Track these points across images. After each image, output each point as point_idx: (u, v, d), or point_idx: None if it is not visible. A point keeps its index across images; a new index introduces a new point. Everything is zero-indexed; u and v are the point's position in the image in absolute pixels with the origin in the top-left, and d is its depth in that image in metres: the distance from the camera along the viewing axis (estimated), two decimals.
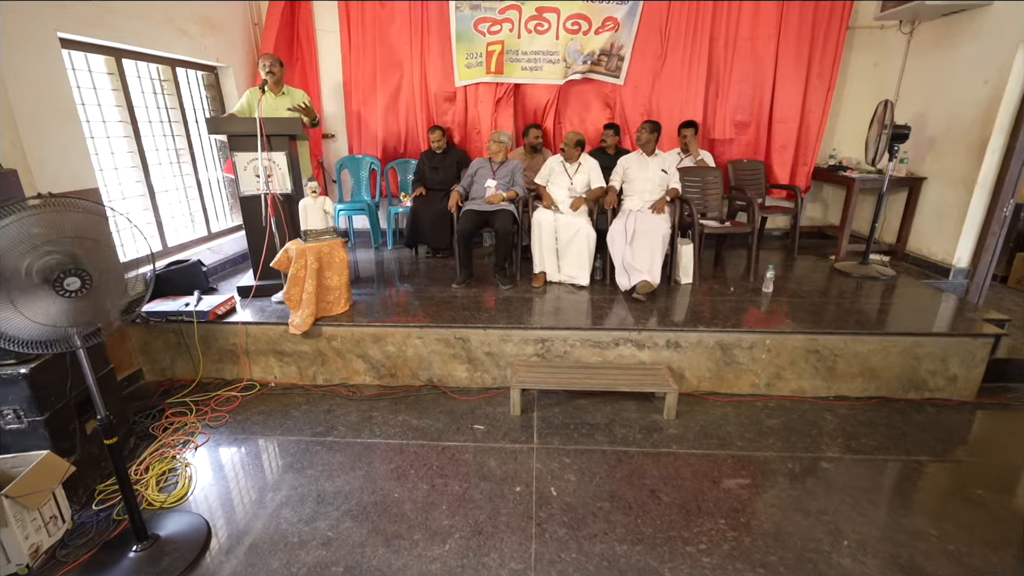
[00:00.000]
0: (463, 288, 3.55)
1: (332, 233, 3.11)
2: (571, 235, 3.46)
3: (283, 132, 3.15)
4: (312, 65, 4.55)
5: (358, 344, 3.01)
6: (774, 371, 2.88)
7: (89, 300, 1.48)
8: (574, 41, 4.31)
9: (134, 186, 3.35)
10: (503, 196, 3.64)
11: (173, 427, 2.64)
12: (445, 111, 4.58)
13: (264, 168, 3.15)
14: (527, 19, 4.26)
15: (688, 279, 3.60)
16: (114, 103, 3.19)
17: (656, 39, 4.38)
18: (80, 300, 1.45)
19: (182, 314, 2.97)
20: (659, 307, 3.19)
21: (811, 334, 2.83)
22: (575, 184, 3.70)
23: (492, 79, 4.39)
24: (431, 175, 4.44)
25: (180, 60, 3.65)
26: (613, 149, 4.41)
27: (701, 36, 4.33)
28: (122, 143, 3.27)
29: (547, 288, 3.56)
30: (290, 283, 2.97)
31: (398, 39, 4.42)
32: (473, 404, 2.85)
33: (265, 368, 3.11)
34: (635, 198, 3.64)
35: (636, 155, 3.72)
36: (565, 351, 2.94)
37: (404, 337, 2.97)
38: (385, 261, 4.38)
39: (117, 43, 3.03)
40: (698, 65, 4.40)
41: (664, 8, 4.30)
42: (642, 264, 3.25)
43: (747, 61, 4.42)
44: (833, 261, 4.12)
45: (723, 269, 4.03)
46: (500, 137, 3.79)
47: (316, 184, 3.02)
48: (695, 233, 3.56)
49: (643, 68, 4.47)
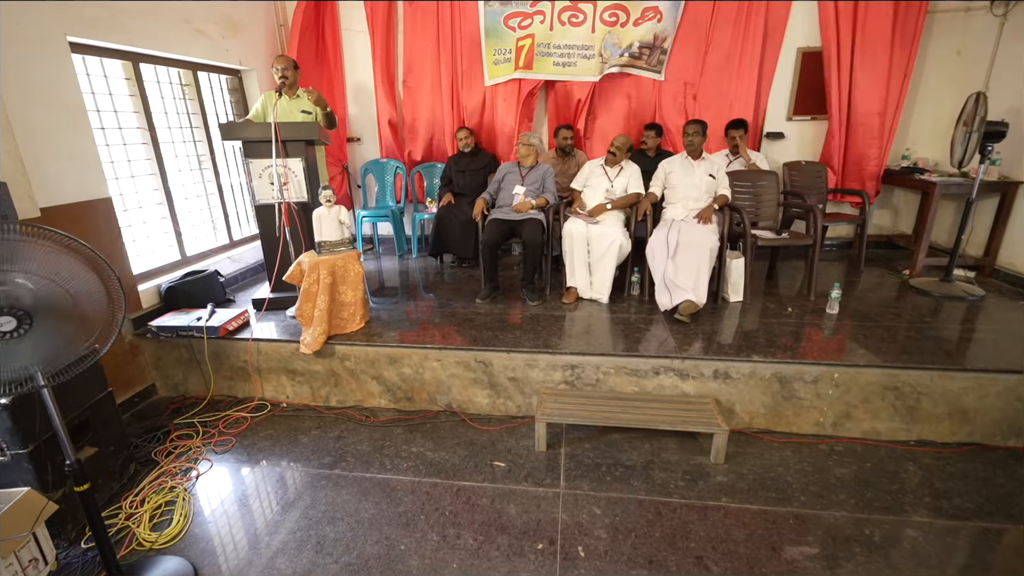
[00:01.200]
0: (487, 303, 3.29)
1: (348, 244, 2.91)
2: (605, 247, 3.14)
3: (299, 137, 2.97)
4: (337, 66, 4.40)
5: (373, 365, 2.80)
6: (843, 409, 2.48)
7: (29, 343, 1.27)
8: (611, 34, 3.97)
9: (152, 194, 3.26)
10: (532, 204, 3.36)
11: (177, 452, 2.49)
12: (474, 112, 4.33)
13: (279, 175, 2.99)
14: (560, 10, 3.95)
15: (738, 297, 3.22)
16: (132, 109, 3.09)
17: (702, 29, 3.99)
18: (18, 342, 1.25)
19: (192, 329, 2.83)
20: (705, 330, 2.83)
21: (889, 368, 2.41)
22: (615, 187, 3.39)
23: (521, 75, 4.10)
24: (458, 179, 4.21)
25: (201, 64, 3.54)
26: (654, 151, 4.05)
27: (754, 24, 3.91)
28: (140, 150, 3.17)
29: (579, 305, 3.25)
30: (302, 298, 2.79)
31: (426, 38, 4.20)
32: (494, 435, 2.58)
33: (277, 387, 2.94)
34: (678, 206, 3.28)
35: (680, 158, 3.36)
36: (597, 379, 2.63)
37: (421, 359, 2.74)
38: (409, 271, 4.17)
39: (131, 47, 2.92)
40: (749, 57, 3.98)
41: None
42: (686, 281, 2.90)
43: None
44: (907, 276, 3.63)
45: (777, 285, 3.61)
46: (530, 139, 3.51)
47: (331, 192, 2.82)
48: (746, 245, 3.17)
49: (686, 62, 4.08)
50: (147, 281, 3.11)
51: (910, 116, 4.09)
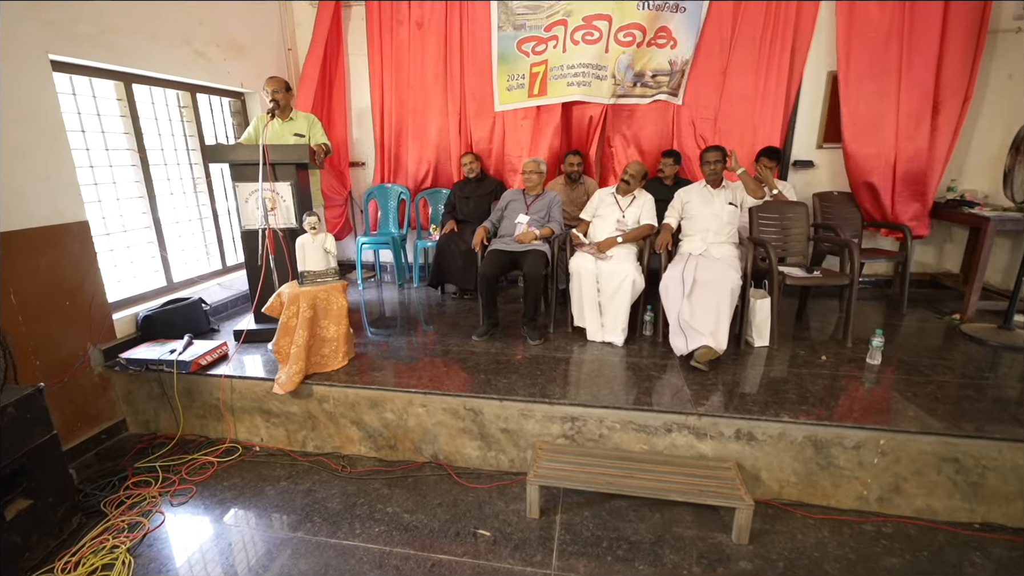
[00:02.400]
0: (484, 341, 3.02)
1: (333, 275, 2.70)
2: (616, 285, 2.85)
3: (288, 160, 2.81)
4: (340, 89, 4.29)
5: (353, 408, 2.54)
6: (890, 482, 2.11)
7: None
8: (625, 55, 3.77)
9: (140, 217, 3.12)
10: (535, 234, 3.11)
11: (129, 501, 2.24)
12: (482, 138, 4.15)
13: (266, 200, 2.82)
14: (574, 29, 3.77)
15: (763, 341, 2.88)
16: (122, 130, 2.99)
17: (721, 51, 3.76)
18: None
19: (162, 363, 2.62)
20: (725, 380, 2.50)
21: (947, 436, 2.04)
22: (627, 218, 3.12)
23: (536, 102, 3.91)
24: (462, 205, 4.00)
25: (200, 85, 3.45)
26: (672, 179, 3.78)
27: (779, 45, 3.66)
28: (129, 172, 3.05)
29: (586, 346, 2.96)
30: (280, 332, 2.57)
31: (433, 62, 4.07)
32: (482, 495, 2.27)
33: (251, 428, 2.70)
34: (696, 239, 2.99)
35: (698, 187, 3.09)
36: (601, 434, 2.31)
37: (405, 404, 2.47)
38: (407, 301, 3.94)
39: (122, 67, 2.82)
40: (775, 80, 3.72)
41: (731, 12, 3.67)
42: (703, 324, 2.58)
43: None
44: (958, 322, 3.23)
45: (808, 328, 3.25)
46: (540, 166, 3.29)
47: (316, 219, 2.63)
48: (773, 283, 2.85)
49: (706, 86, 3.84)
50: (126, 308, 2.94)
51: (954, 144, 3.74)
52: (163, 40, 3.04)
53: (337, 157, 4.38)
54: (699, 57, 3.78)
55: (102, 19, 2.66)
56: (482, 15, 3.87)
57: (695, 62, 3.79)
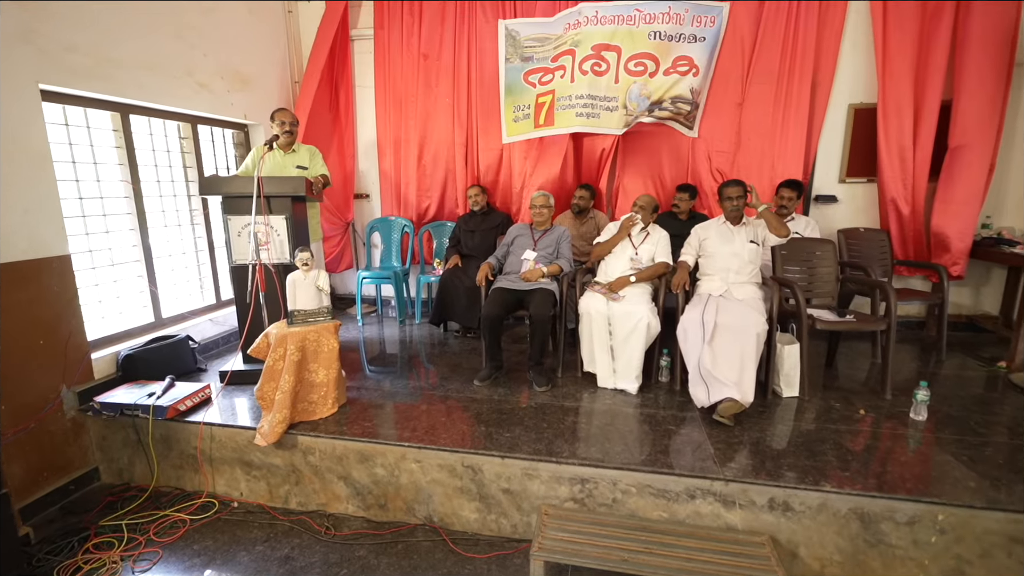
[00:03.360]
0: (487, 386, 2.80)
1: (325, 314, 2.52)
2: (630, 328, 2.64)
3: (284, 193, 2.68)
4: (349, 121, 4.23)
5: (340, 462, 2.31)
6: (952, 565, 1.82)
7: None
8: (637, 84, 3.66)
9: (130, 251, 3.00)
10: (543, 272, 2.92)
11: (88, 567, 2.01)
12: (488, 170, 4.03)
13: (259, 234, 2.67)
14: (582, 59, 3.68)
15: (792, 391, 2.63)
16: (116, 161, 2.89)
17: (736, 82, 3.64)
18: None
19: (138, 408, 2.43)
20: (753, 437, 2.24)
21: (1018, 514, 1.76)
22: (640, 255, 2.93)
23: (542, 133, 3.80)
24: (467, 239, 3.85)
25: (201, 117, 3.38)
26: (687, 214, 3.60)
27: (799, 77, 3.53)
28: (122, 204, 2.94)
29: (597, 393, 2.72)
30: (264, 376, 2.37)
31: (440, 94, 4.00)
32: (479, 567, 2.01)
33: (230, 481, 2.47)
34: (715, 278, 2.78)
35: (716, 223, 2.90)
36: (614, 498, 2.05)
37: (398, 458, 2.24)
38: (407, 340, 3.74)
39: (118, 98, 2.75)
40: (795, 113, 3.57)
41: (747, 44, 3.57)
42: (727, 373, 2.35)
43: None
44: (1005, 370, 2.95)
45: (839, 376, 2.99)
46: (549, 200, 3.13)
47: (309, 256, 2.47)
48: (801, 328, 2.61)
49: (723, 117, 3.71)
50: (108, 347, 2.77)
51: None
52: (163, 72, 2.98)
53: (343, 189, 4.29)
54: (714, 89, 3.66)
55: (98, 50, 2.60)
56: (490, 47, 3.81)
57: (710, 94, 3.67)
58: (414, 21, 3.93)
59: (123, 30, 2.72)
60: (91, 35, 2.56)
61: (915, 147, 3.46)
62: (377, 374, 3.06)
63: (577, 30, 3.67)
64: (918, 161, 3.48)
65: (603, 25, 3.62)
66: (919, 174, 3.49)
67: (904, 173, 3.50)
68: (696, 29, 3.55)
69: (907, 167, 3.49)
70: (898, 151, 3.49)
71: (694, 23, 3.52)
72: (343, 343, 3.59)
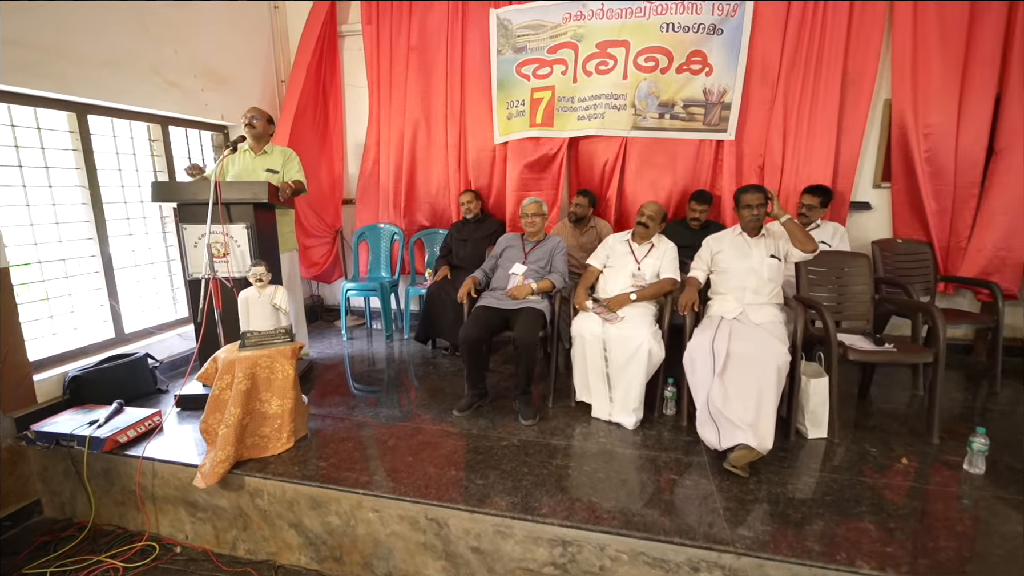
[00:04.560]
0: (467, 416, 2.49)
1: (283, 336, 2.24)
2: (628, 355, 2.31)
3: (243, 199, 2.42)
4: (338, 123, 3.99)
5: (291, 507, 2.02)
6: None
7: None
8: (648, 81, 3.33)
9: (89, 262, 2.78)
10: (532, 288, 2.60)
11: None
12: (482, 173, 3.74)
13: (217, 245, 2.42)
14: (586, 58, 3.37)
15: (819, 431, 2.25)
16: (73, 165, 2.68)
17: (770, 76, 3.26)
18: None
19: (74, 439, 2.19)
20: (772, 491, 1.88)
21: None
22: (643, 269, 2.59)
23: (539, 133, 3.49)
24: (458, 249, 3.55)
25: (171, 117, 3.16)
26: (699, 223, 3.24)
27: (827, 70, 3.15)
28: (80, 211, 2.73)
29: (591, 427, 2.39)
30: (209, 407, 2.11)
31: (432, 92, 3.73)
32: None
33: (175, 522, 2.21)
34: (729, 298, 2.42)
35: (731, 234, 2.54)
36: (602, 566, 1.72)
37: (353, 506, 1.94)
38: (391, 359, 3.45)
39: (71, 96, 2.53)
40: (822, 110, 3.19)
41: (777, 31, 3.19)
42: (741, 413, 1.99)
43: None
44: None
45: (874, 411, 2.59)
46: (541, 207, 2.81)
47: (263, 270, 2.20)
48: (831, 357, 2.23)
49: (751, 117, 3.33)
50: (55, 367, 2.55)
51: None
52: (125, 69, 2.76)
53: (331, 194, 4.05)
54: (748, 86, 3.28)
55: (46, 45, 2.38)
56: (482, 39, 3.52)
57: (744, 90, 3.29)
58: (403, 16, 3.66)
59: (78, 24, 2.51)
60: (39, 29, 2.34)
61: (957, 148, 3.04)
62: (349, 398, 2.78)
63: (580, 22, 3.36)
64: (962, 164, 3.06)
65: (610, 19, 3.31)
66: (964, 178, 3.07)
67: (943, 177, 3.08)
68: (716, 19, 3.20)
69: (947, 171, 3.07)
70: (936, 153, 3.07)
71: (715, 12, 3.17)
72: (322, 360, 3.36)
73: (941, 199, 3.10)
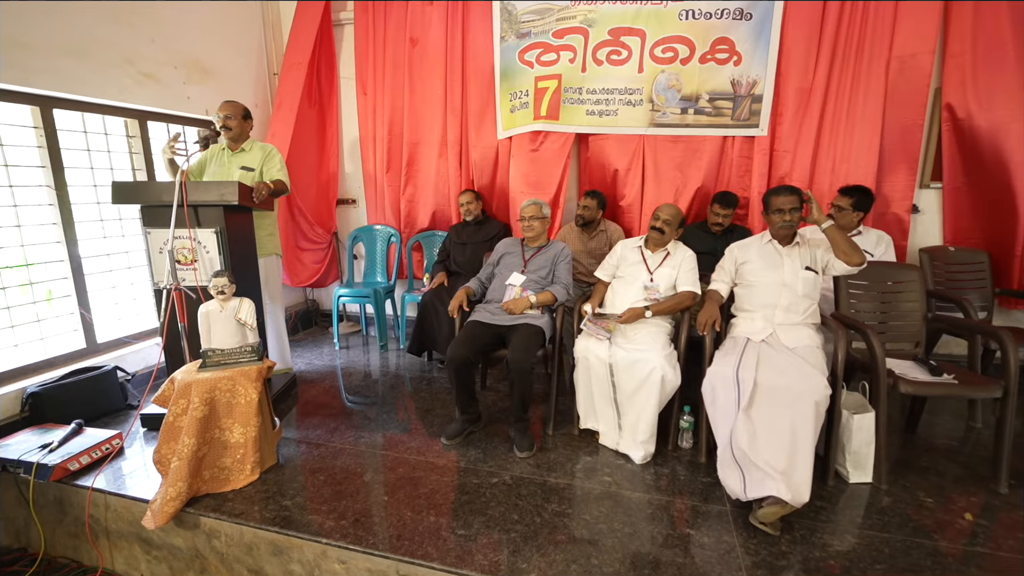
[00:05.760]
0: (457, 445, 2.22)
1: (249, 355, 2.00)
2: (639, 381, 2.01)
3: (209, 201, 2.19)
4: (332, 117, 3.75)
5: (250, 552, 1.79)
6: None
7: None
8: (666, 74, 3.01)
9: (57, 267, 2.59)
10: (531, 302, 2.32)
11: None
12: (484, 171, 3.46)
13: (184, 251, 2.20)
14: (596, 45, 3.06)
15: (863, 475, 1.92)
16: (38, 163, 2.49)
17: (807, 63, 2.90)
18: None
19: (21, 465, 1.99)
20: (807, 556, 1.57)
21: None
22: (657, 281, 2.29)
23: (543, 126, 3.20)
24: (456, 253, 3.29)
25: (149, 112, 2.95)
26: (722, 228, 2.90)
27: (870, 55, 2.79)
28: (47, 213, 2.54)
29: (596, 459, 2.10)
30: (163, 436, 1.88)
31: (431, 84, 3.45)
32: None
33: (130, 559, 2.00)
34: (757, 317, 2.10)
35: (759, 241, 2.22)
36: None
37: (318, 556, 1.69)
38: (383, 372, 3.20)
39: (27, 88, 2.33)
40: (862, 101, 2.83)
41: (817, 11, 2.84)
42: (772, 459, 1.68)
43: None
44: None
45: (925, 447, 2.24)
46: (542, 210, 2.52)
47: (225, 282, 1.96)
48: (878, 389, 1.91)
49: (786, 110, 2.98)
50: (14, 382, 2.36)
51: None
52: (93, 59, 2.56)
53: (325, 194, 3.82)
54: (781, 75, 2.94)
55: (1, 33, 2.17)
56: (484, 25, 3.24)
57: (777, 81, 2.95)
58: (400, 4, 3.40)
59: (36, 11, 2.30)
60: None
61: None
62: (330, 419, 2.53)
63: (591, 5, 3.06)
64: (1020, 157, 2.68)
65: (624, 3, 2.99)
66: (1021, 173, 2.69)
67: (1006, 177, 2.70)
68: (743, 2, 2.86)
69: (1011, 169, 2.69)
70: (1000, 149, 2.69)
71: None
72: (308, 374, 3.12)
73: (1004, 201, 2.72)
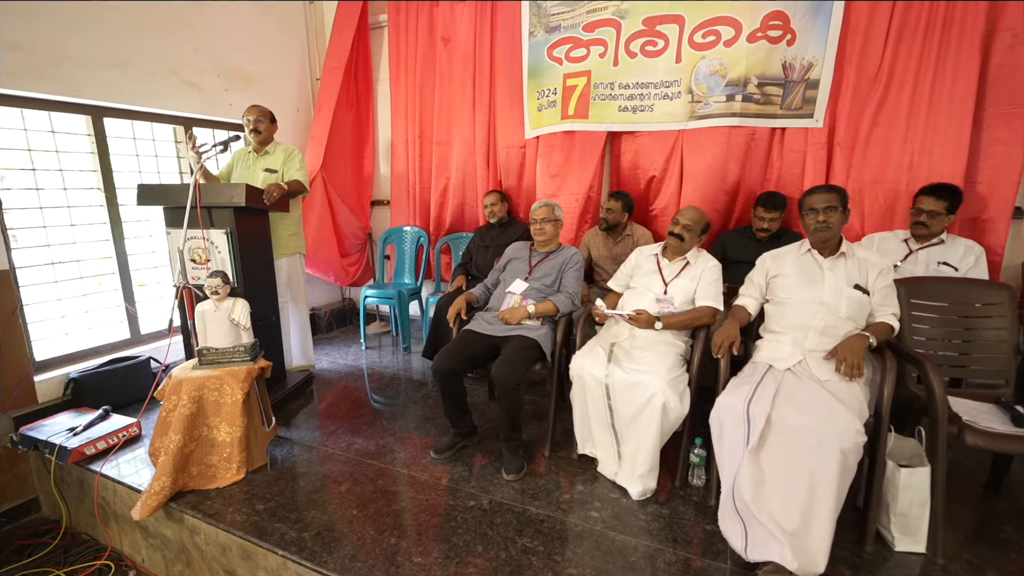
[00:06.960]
0: (445, 460, 2.11)
1: (242, 355, 2.03)
2: (638, 407, 1.78)
3: (218, 203, 2.26)
4: (368, 119, 3.80)
5: (224, 553, 1.80)
6: None
7: None
8: (707, 60, 2.69)
9: (106, 263, 2.82)
10: (528, 312, 2.15)
11: None
12: (511, 173, 3.32)
13: (199, 251, 2.29)
14: (629, 37, 2.81)
15: (913, 543, 1.56)
16: (90, 167, 2.72)
17: (877, 44, 2.48)
18: None
19: (47, 447, 2.15)
20: None
21: None
22: (672, 293, 2.03)
23: (572, 125, 2.99)
24: (479, 256, 3.19)
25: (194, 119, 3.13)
26: (768, 234, 2.55)
27: (960, 29, 2.31)
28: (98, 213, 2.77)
29: (592, 491, 1.90)
30: (156, 430, 1.96)
31: (460, 84, 3.38)
32: None
33: (133, 544, 2.10)
34: (785, 340, 1.78)
35: (796, 251, 1.89)
36: None
37: (279, 566, 1.66)
38: (396, 375, 3.17)
39: (76, 98, 2.54)
40: (949, 84, 2.35)
41: None
42: (779, 514, 1.39)
43: None
44: None
45: (1006, 514, 1.79)
46: (554, 212, 2.34)
47: (219, 282, 2.00)
48: (937, 436, 1.53)
49: (850, 97, 2.56)
50: (63, 367, 2.58)
51: None
52: (138, 70, 2.74)
53: (360, 195, 3.89)
54: (842, 56, 2.54)
55: (49, 47, 2.39)
56: (512, 22, 3.10)
57: (837, 63, 2.55)
58: (430, 5, 3.35)
59: (82, 26, 2.50)
60: (39, 32, 2.35)
61: None
62: (329, 422, 2.52)
63: None
64: None
65: None
66: None
67: None
68: None
69: None
70: None
71: None
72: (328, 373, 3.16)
73: None
